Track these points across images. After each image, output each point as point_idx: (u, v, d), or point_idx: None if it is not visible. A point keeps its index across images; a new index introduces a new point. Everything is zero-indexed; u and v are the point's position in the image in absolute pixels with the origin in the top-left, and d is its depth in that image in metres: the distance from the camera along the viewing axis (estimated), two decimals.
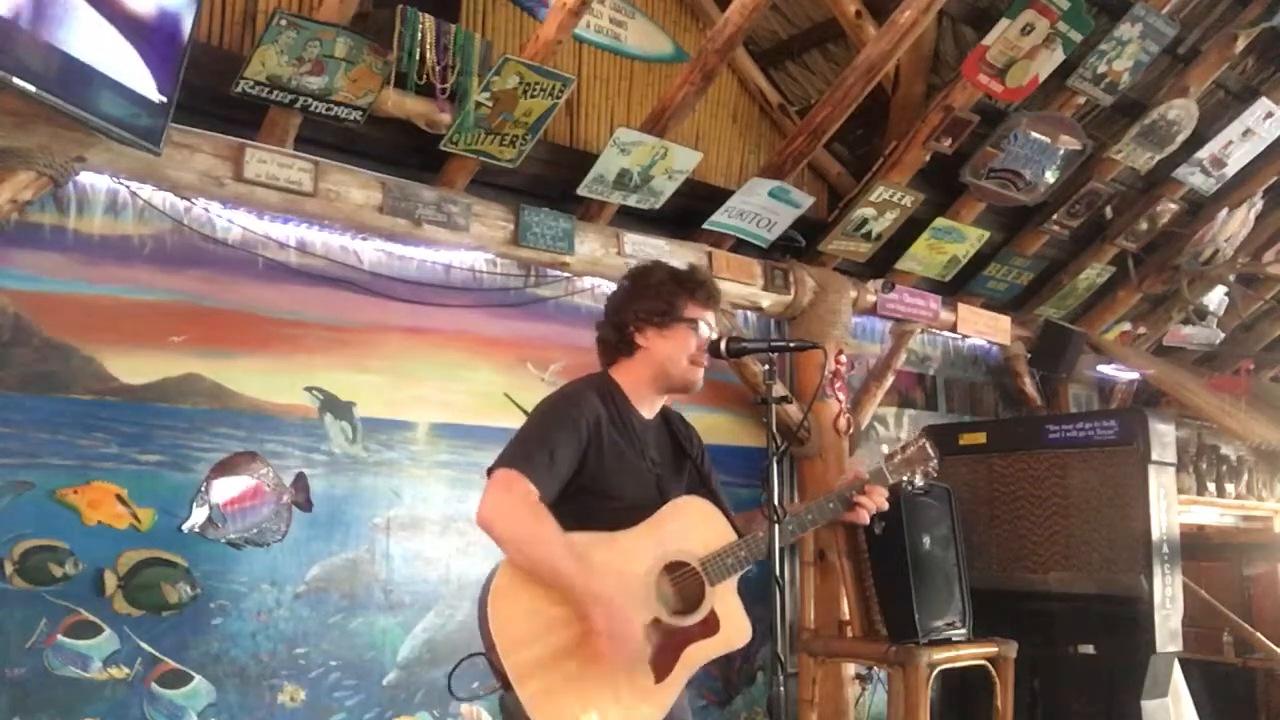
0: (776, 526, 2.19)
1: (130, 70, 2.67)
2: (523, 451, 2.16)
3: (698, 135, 4.59)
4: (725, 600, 2.30)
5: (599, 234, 4.08)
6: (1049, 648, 4.18)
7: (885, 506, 2.52)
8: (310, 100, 3.20)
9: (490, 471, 2.16)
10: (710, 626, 2.26)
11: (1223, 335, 6.56)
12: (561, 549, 2.08)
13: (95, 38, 2.57)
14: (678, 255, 4.23)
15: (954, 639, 3.83)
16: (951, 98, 4.42)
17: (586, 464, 2.22)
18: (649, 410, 2.40)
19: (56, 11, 2.47)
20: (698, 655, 2.24)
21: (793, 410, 4.47)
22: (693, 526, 2.30)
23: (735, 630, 2.31)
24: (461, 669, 2.15)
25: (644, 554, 2.21)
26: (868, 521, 2.52)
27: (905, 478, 2.59)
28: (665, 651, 2.18)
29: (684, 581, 2.25)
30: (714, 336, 2.39)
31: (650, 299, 2.36)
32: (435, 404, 3.77)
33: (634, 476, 2.29)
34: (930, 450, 2.61)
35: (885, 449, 2.68)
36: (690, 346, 2.35)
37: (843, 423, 4.70)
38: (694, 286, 2.38)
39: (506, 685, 2.02)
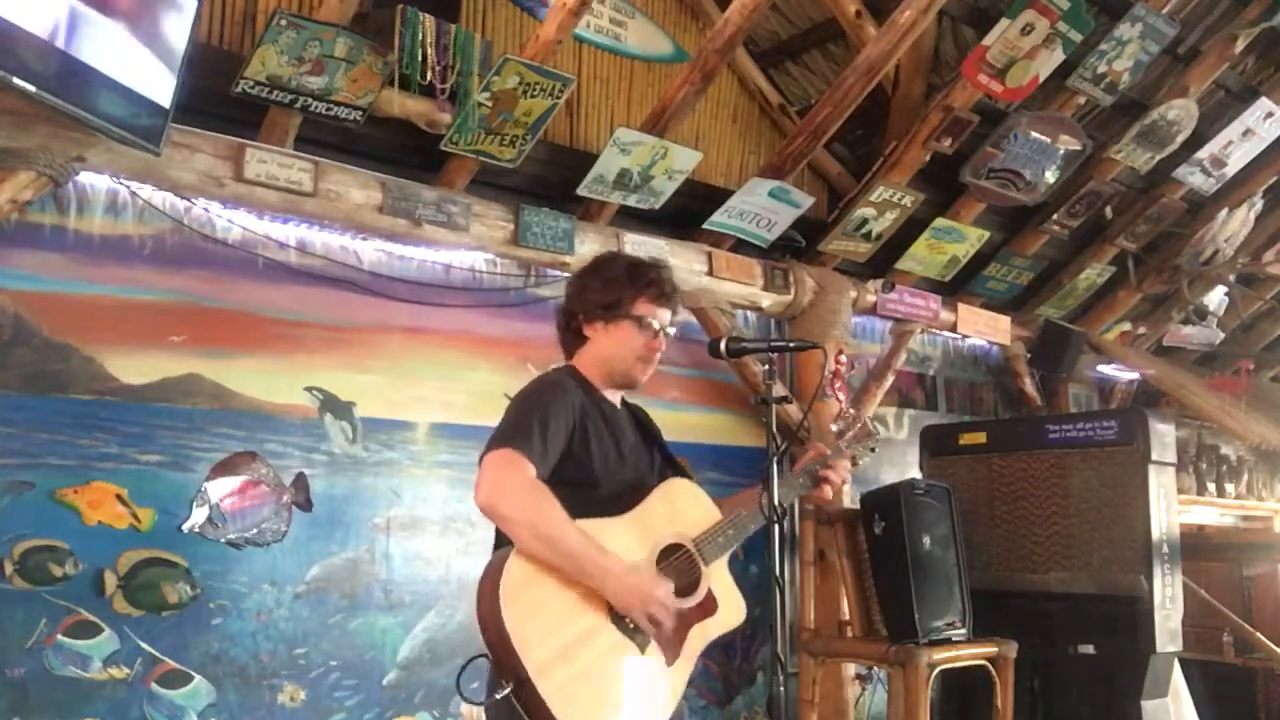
0: (775, 526, 2.20)
1: (130, 70, 2.67)
2: (516, 431, 2.14)
3: (698, 135, 4.59)
4: (720, 579, 2.31)
5: (599, 234, 4.08)
6: (1049, 648, 4.18)
7: (848, 479, 2.60)
8: (310, 100, 3.20)
9: (483, 457, 2.13)
10: (710, 606, 2.27)
11: (1223, 335, 6.56)
12: (571, 527, 2.07)
13: (95, 37, 2.57)
14: (678, 255, 4.23)
15: (954, 639, 3.83)
16: (951, 98, 4.42)
17: (572, 449, 2.21)
18: (615, 398, 2.40)
19: (57, 11, 2.47)
20: (702, 635, 2.25)
21: (793, 410, 4.47)
22: (682, 509, 2.31)
23: (733, 608, 2.32)
24: (448, 671, 2.13)
25: (642, 537, 2.21)
26: (831, 496, 2.55)
27: (858, 453, 2.65)
28: (673, 633, 2.18)
29: (679, 564, 2.25)
30: (664, 335, 2.36)
31: (599, 291, 2.34)
32: (435, 404, 3.77)
33: (615, 463, 2.29)
34: (870, 426, 2.68)
35: (835, 428, 2.71)
36: (637, 345, 2.32)
37: None
38: (645, 283, 2.33)
39: (520, 684, 2.01)
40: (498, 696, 2.00)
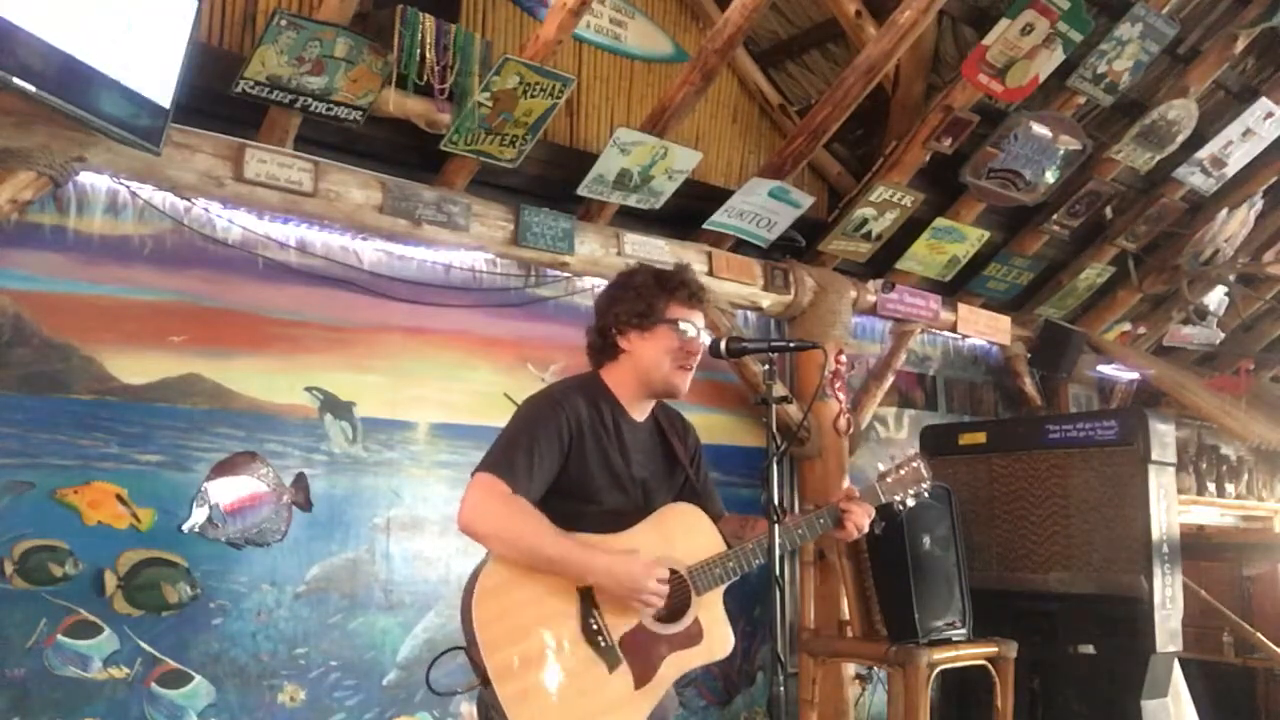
0: (777, 526, 2.18)
1: (130, 70, 2.67)
2: (503, 456, 2.16)
3: (698, 135, 4.59)
4: (710, 610, 2.28)
5: (599, 234, 4.08)
6: (1049, 648, 4.18)
7: (865, 528, 2.43)
8: (310, 100, 3.20)
9: (473, 475, 2.15)
10: (693, 635, 2.23)
11: (1223, 335, 6.56)
12: (549, 532, 2.09)
13: (96, 38, 2.57)
14: (678, 255, 4.23)
15: (954, 639, 3.84)
16: (951, 98, 4.42)
17: (569, 467, 2.21)
18: (639, 412, 2.38)
19: (57, 11, 2.47)
20: (678, 664, 2.22)
21: (793, 410, 4.47)
22: (682, 534, 2.28)
23: (718, 641, 2.28)
24: (450, 667, 2.16)
25: None
26: (853, 538, 2.46)
27: (897, 497, 2.54)
28: (646, 658, 2.16)
29: (670, 589, 2.23)
30: (701, 337, 2.34)
31: (631, 301, 2.32)
32: (435, 404, 3.77)
33: (618, 481, 2.28)
34: (924, 471, 2.56)
35: (881, 467, 2.62)
36: (673, 347, 2.30)
37: (843, 423, 4.71)
38: (674, 286, 2.33)
39: (485, 682, 2.03)
40: (460, 691, 2.03)
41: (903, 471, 2.57)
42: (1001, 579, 4.33)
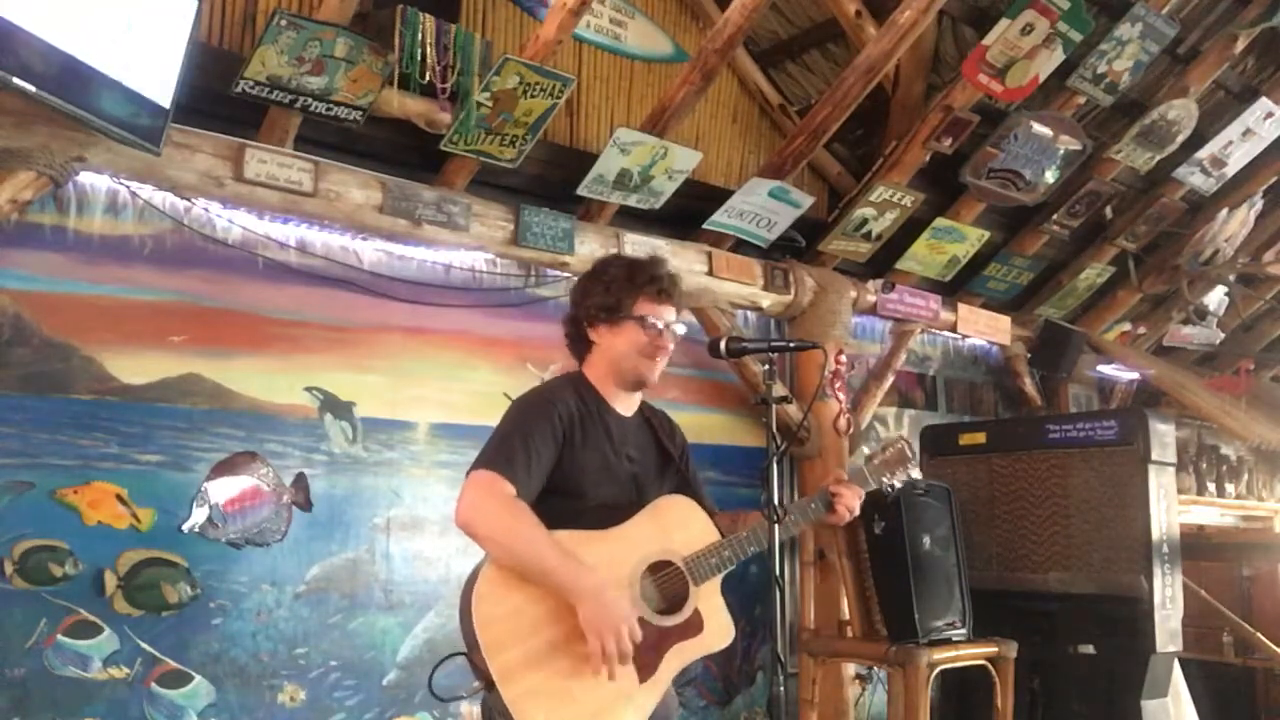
0: (777, 526, 2.19)
1: (130, 70, 2.67)
2: (500, 452, 2.16)
3: (698, 135, 4.59)
4: (709, 600, 2.28)
5: (599, 234, 4.08)
6: (1049, 648, 4.18)
7: (855, 510, 2.43)
8: (310, 100, 3.20)
9: (469, 472, 2.15)
10: (694, 626, 2.24)
11: (1223, 335, 6.56)
12: (546, 543, 2.08)
13: (96, 38, 2.57)
14: (678, 255, 4.23)
15: (954, 639, 3.83)
16: (951, 98, 4.42)
17: (562, 463, 2.22)
18: (626, 407, 2.39)
19: (57, 11, 2.47)
20: (682, 655, 2.23)
21: (793, 410, 4.47)
22: (676, 526, 2.29)
23: (718, 630, 2.29)
24: (449, 670, 2.16)
25: (627, 553, 2.20)
26: (845, 521, 2.46)
27: (885, 479, 2.53)
28: (649, 652, 2.16)
29: (667, 581, 2.24)
30: (671, 331, 2.34)
31: (600, 294, 2.33)
32: (435, 404, 3.77)
33: (610, 475, 2.28)
34: (909, 452, 2.55)
35: (866, 450, 2.61)
36: (640, 343, 2.30)
37: (843, 423, 4.70)
38: (644, 282, 2.32)
39: (489, 685, 2.03)
40: (464, 696, 2.03)
41: (888, 453, 2.56)
42: (1001, 579, 4.33)
